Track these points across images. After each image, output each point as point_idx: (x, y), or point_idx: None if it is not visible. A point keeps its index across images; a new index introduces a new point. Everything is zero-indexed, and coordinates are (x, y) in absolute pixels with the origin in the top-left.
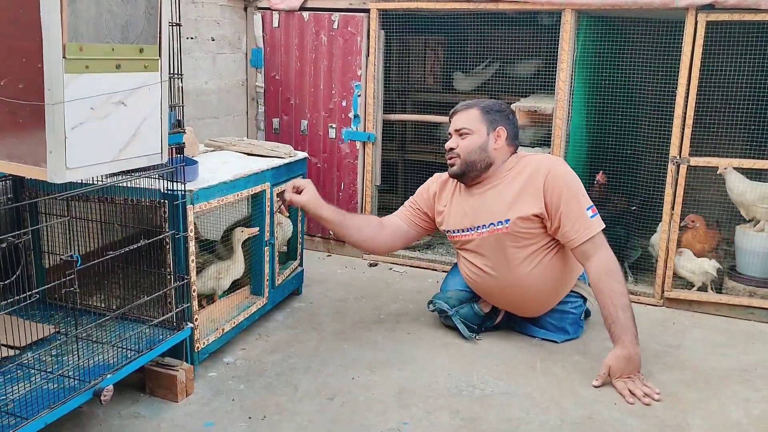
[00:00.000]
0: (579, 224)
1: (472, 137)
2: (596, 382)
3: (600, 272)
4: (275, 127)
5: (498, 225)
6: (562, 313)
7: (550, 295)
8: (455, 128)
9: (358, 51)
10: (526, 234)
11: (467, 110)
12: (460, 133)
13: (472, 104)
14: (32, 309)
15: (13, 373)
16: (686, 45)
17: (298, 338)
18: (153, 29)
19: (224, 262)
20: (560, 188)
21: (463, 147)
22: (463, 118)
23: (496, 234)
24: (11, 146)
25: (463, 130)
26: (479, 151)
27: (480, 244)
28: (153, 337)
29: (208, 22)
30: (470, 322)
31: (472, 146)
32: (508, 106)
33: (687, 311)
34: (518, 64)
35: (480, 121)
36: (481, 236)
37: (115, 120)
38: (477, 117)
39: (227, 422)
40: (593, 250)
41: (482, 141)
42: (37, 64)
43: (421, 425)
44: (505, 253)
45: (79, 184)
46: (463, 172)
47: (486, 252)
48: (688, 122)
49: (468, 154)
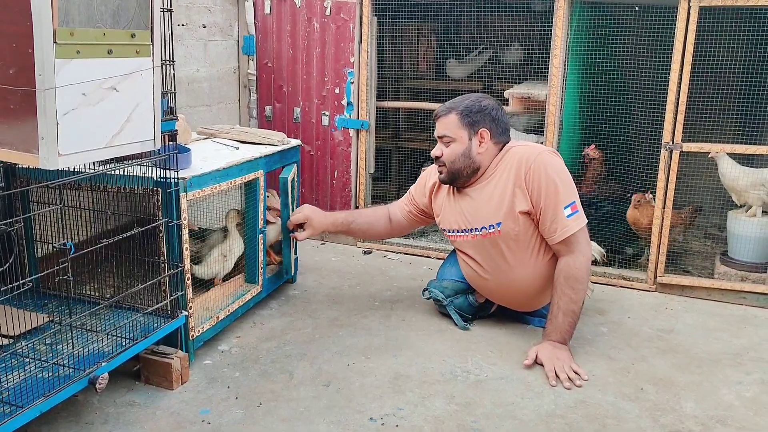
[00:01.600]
0: (555, 224)
1: (455, 145)
2: (526, 361)
3: (561, 274)
4: (267, 115)
5: (490, 228)
6: None
7: (545, 291)
8: (438, 135)
9: (350, 38)
10: (519, 234)
11: (447, 115)
12: (443, 141)
13: (450, 107)
14: (25, 298)
15: (8, 362)
16: (679, 31)
17: (293, 325)
18: (145, 14)
19: (225, 243)
20: (539, 183)
21: (447, 156)
22: (444, 124)
23: (489, 237)
24: (2, 132)
25: (445, 138)
26: (463, 158)
27: (475, 245)
28: (147, 325)
29: (199, 8)
30: (464, 312)
31: (456, 154)
32: (491, 101)
33: (680, 296)
34: (507, 51)
35: (459, 127)
36: (476, 239)
37: (107, 106)
38: (456, 123)
39: (223, 409)
40: (565, 252)
41: (464, 147)
42: (27, 49)
43: (416, 410)
44: (501, 255)
45: (71, 171)
46: (451, 179)
47: (481, 253)
48: (680, 108)
49: (452, 163)
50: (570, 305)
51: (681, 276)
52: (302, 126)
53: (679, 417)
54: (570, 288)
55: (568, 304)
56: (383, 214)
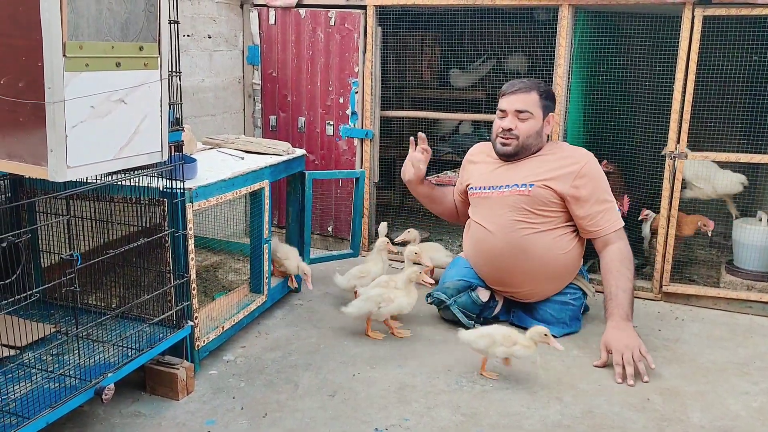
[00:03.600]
0: (609, 215)
1: (532, 121)
2: (597, 362)
3: (616, 257)
4: (272, 125)
5: (521, 187)
6: (562, 304)
7: (548, 274)
8: (516, 109)
9: (355, 48)
10: (544, 204)
11: (528, 92)
12: (520, 115)
13: (531, 86)
14: (31, 308)
15: (14, 373)
16: (683, 40)
17: (298, 335)
18: (152, 27)
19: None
20: (595, 181)
21: (523, 130)
22: (524, 100)
23: (516, 195)
24: (11, 145)
25: (525, 113)
26: (536, 135)
27: (497, 202)
28: (153, 336)
29: (204, 19)
30: (469, 310)
31: (531, 130)
32: (554, 94)
33: (685, 305)
34: (510, 60)
35: (539, 106)
36: (502, 195)
37: (115, 118)
38: (537, 101)
39: (228, 420)
40: (616, 239)
41: (539, 126)
42: (37, 62)
43: (422, 421)
44: (518, 217)
45: (77, 182)
46: (516, 152)
47: (500, 212)
48: (685, 117)
49: (527, 137)
50: (627, 283)
51: (686, 285)
52: (307, 135)
53: (686, 427)
54: (626, 268)
55: (626, 282)
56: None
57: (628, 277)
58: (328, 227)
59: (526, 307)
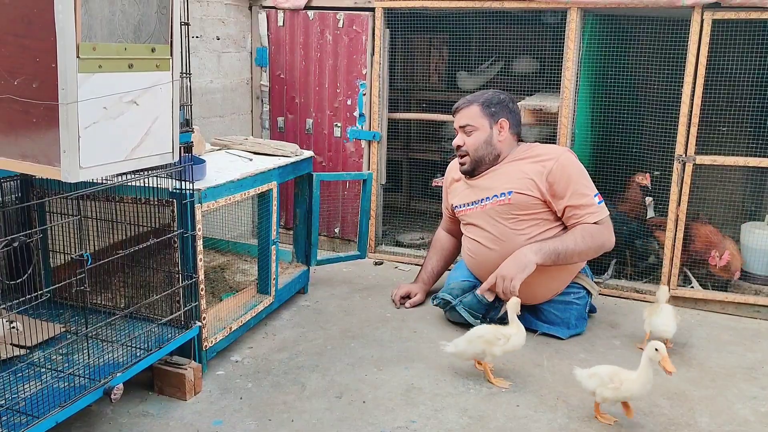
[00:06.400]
0: (588, 209)
1: (477, 133)
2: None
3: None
4: (280, 126)
5: (501, 197)
6: (566, 304)
7: (548, 276)
8: (459, 125)
9: (363, 50)
10: (528, 208)
11: (468, 107)
12: (465, 130)
13: (472, 100)
14: (40, 308)
15: (24, 372)
16: (692, 43)
17: (305, 337)
18: (165, 29)
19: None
20: (569, 176)
21: (470, 144)
22: (466, 115)
23: (498, 206)
24: (24, 145)
25: (468, 127)
26: (485, 145)
27: (482, 216)
28: (161, 336)
29: (213, 21)
30: (475, 310)
31: (478, 142)
32: (507, 95)
33: (693, 309)
34: (518, 63)
35: (482, 116)
36: (485, 208)
37: (127, 119)
38: (478, 113)
39: (236, 420)
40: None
41: (486, 135)
42: (50, 63)
43: (429, 423)
44: (506, 225)
45: (88, 183)
46: (473, 168)
47: (488, 225)
48: (693, 120)
49: (475, 150)
50: (568, 242)
51: (694, 289)
52: (314, 137)
53: None
54: (581, 237)
55: (567, 241)
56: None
57: (574, 241)
58: (335, 229)
59: (531, 309)
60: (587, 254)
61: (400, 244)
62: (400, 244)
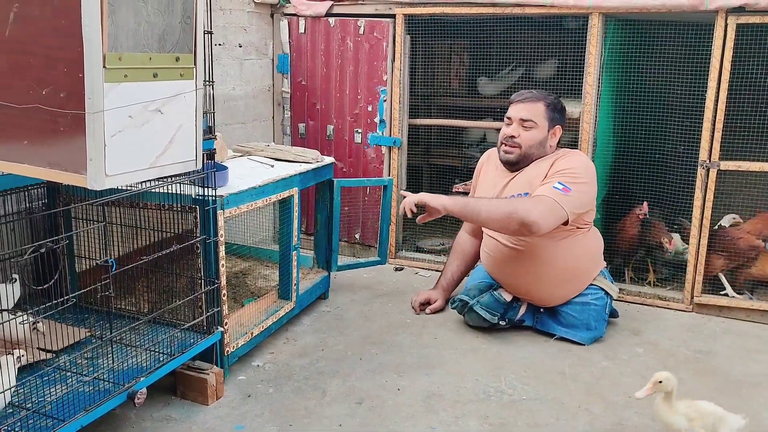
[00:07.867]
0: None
1: (535, 131)
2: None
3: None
4: (301, 132)
5: (517, 196)
6: (584, 305)
7: (562, 277)
8: (521, 117)
9: (383, 56)
10: None
11: (535, 102)
12: (524, 124)
13: (539, 97)
14: (66, 313)
15: (50, 376)
16: (716, 48)
17: (326, 342)
18: (188, 38)
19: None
20: (565, 168)
21: (525, 138)
22: (530, 110)
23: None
24: (51, 154)
25: (529, 122)
26: (539, 145)
27: None
28: (184, 341)
29: (235, 28)
30: (492, 309)
31: (534, 140)
32: (564, 107)
33: (717, 317)
34: (539, 69)
35: (544, 117)
36: None
37: (152, 127)
38: (543, 112)
39: (257, 426)
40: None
41: (543, 136)
42: (78, 73)
43: (449, 430)
44: None
45: (113, 189)
46: (518, 161)
47: None
48: (717, 126)
49: (529, 147)
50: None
51: (719, 296)
52: (335, 143)
53: None
54: (506, 204)
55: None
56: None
57: (489, 201)
58: (356, 234)
59: (549, 311)
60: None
61: (421, 250)
62: (421, 250)
